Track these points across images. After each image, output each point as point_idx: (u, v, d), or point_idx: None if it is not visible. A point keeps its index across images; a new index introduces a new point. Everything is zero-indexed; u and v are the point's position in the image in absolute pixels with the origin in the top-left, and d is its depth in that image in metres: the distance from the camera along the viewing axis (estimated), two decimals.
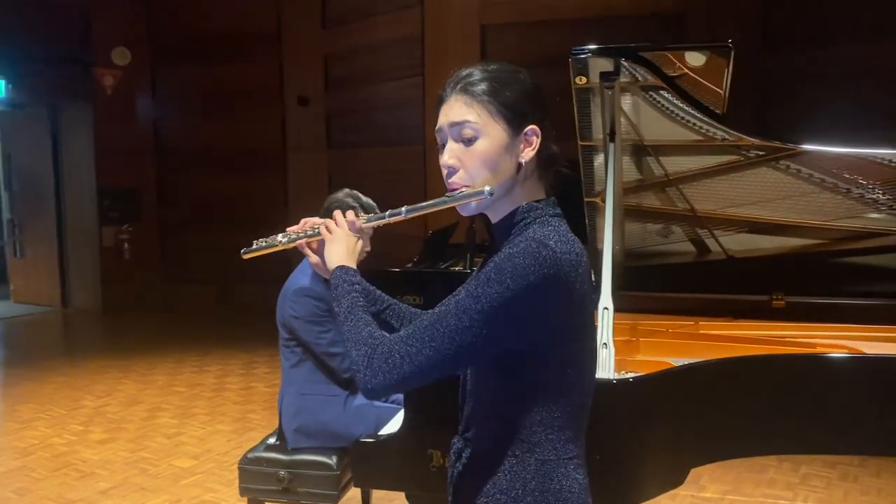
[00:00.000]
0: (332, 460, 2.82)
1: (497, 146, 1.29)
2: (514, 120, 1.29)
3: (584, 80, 2.44)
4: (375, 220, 1.50)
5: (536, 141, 1.31)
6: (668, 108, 2.91)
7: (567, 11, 6.48)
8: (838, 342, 2.74)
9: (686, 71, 2.90)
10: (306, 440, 2.86)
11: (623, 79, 2.73)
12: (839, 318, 2.98)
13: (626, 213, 3.31)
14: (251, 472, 2.88)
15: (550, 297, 1.21)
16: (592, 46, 2.42)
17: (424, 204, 1.40)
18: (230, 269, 8.96)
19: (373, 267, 3.12)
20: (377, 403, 2.93)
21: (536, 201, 1.33)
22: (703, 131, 2.96)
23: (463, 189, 1.31)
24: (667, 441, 2.14)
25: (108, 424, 4.95)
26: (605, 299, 2.28)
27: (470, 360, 1.27)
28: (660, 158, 3.15)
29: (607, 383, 2.11)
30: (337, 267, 1.42)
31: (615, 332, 2.91)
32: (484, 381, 1.33)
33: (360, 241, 1.49)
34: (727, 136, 2.96)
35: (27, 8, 8.27)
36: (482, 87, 1.30)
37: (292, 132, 8.72)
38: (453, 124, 1.30)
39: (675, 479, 2.18)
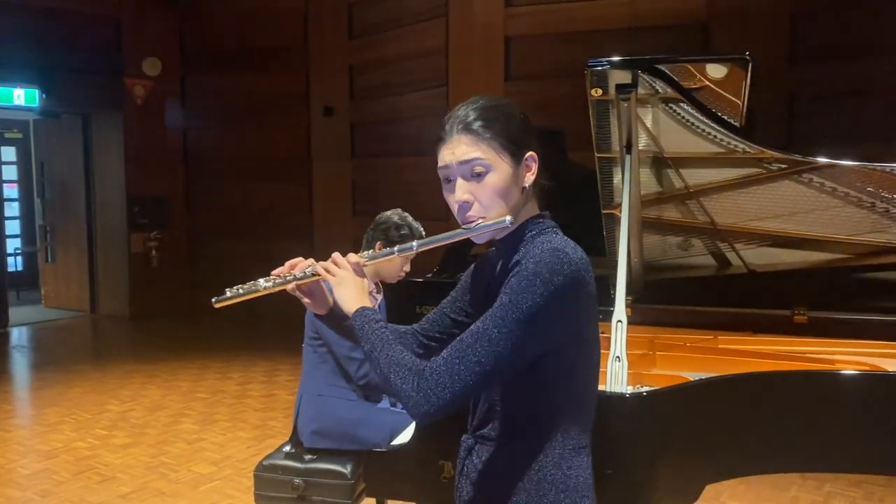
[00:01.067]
0: (347, 469, 2.82)
1: (506, 177, 1.38)
2: (516, 151, 1.40)
3: (599, 92, 2.44)
4: (381, 257, 1.52)
5: (535, 166, 1.42)
6: (688, 120, 2.89)
7: (591, 23, 6.48)
8: (861, 359, 2.69)
9: (707, 83, 2.89)
10: (322, 441, 2.89)
11: (643, 90, 2.72)
12: (862, 334, 2.93)
13: (646, 226, 3.29)
14: (266, 479, 2.90)
15: (573, 297, 1.32)
16: (609, 58, 2.42)
17: (439, 237, 1.46)
18: (256, 276, 9.03)
19: None
20: (394, 409, 2.95)
21: (538, 216, 1.45)
22: (724, 144, 2.93)
23: (480, 221, 1.39)
24: (680, 456, 2.11)
25: (131, 429, 5.02)
26: (619, 313, 2.27)
27: (511, 367, 1.32)
28: (680, 171, 3.13)
29: (620, 397, 2.10)
30: (357, 310, 1.44)
31: (632, 345, 2.90)
32: (504, 382, 1.38)
33: (367, 280, 1.53)
34: (748, 149, 2.94)
35: (61, 19, 8.47)
36: (483, 124, 1.38)
37: (317, 142, 8.81)
38: (462, 162, 1.38)
39: (689, 496, 2.15)
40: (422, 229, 3.04)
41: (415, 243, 1.47)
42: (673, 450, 2.11)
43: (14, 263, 11.31)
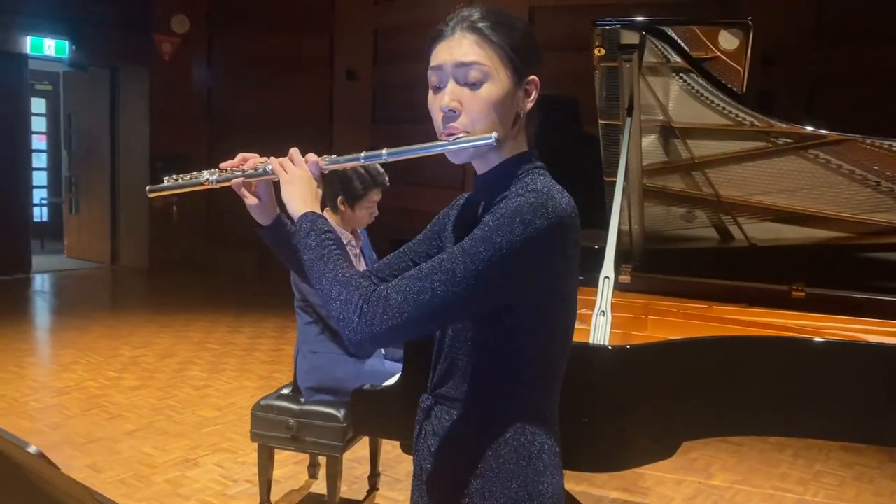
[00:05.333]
0: (340, 413, 2.90)
1: (502, 93, 1.22)
2: (520, 68, 1.24)
3: (602, 51, 2.45)
4: (343, 162, 1.34)
5: (535, 93, 1.27)
6: (698, 91, 2.91)
7: None
8: (853, 334, 2.71)
9: (718, 54, 2.90)
10: (318, 395, 2.96)
11: (653, 58, 2.74)
12: (859, 312, 2.94)
13: (651, 195, 3.31)
14: (262, 418, 2.99)
15: (554, 245, 1.18)
16: (616, 18, 2.43)
17: (413, 147, 1.29)
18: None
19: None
20: (388, 363, 3.01)
21: (528, 153, 1.30)
22: (733, 116, 2.94)
23: (462, 135, 1.23)
24: (657, 411, 2.16)
25: (141, 373, 5.16)
26: (607, 269, 2.31)
27: (471, 308, 1.18)
28: (687, 141, 3.15)
29: (602, 349, 2.15)
30: (306, 212, 1.27)
31: (626, 309, 2.95)
32: (472, 336, 1.25)
33: (321, 189, 1.34)
34: (756, 122, 2.94)
35: None
36: (492, 27, 1.23)
37: (339, 105, 8.84)
38: (460, 64, 1.22)
39: (664, 451, 2.20)
40: (383, 173, 2.95)
41: (384, 151, 1.29)
42: (651, 405, 2.16)
43: (40, 213, 11.54)
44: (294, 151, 1.34)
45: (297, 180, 1.31)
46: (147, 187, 1.41)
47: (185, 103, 9.40)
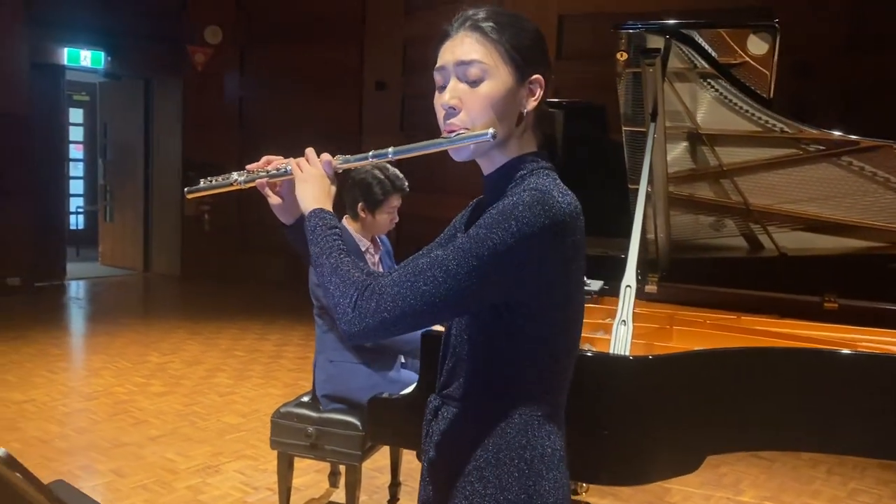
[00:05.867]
0: (359, 421, 2.88)
1: (503, 90, 1.24)
2: (523, 66, 1.25)
3: (624, 56, 2.41)
4: (354, 161, 1.38)
5: (540, 92, 1.27)
6: (725, 97, 2.84)
7: (647, 5, 6.35)
8: (887, 347, 2.61)
9: (746, 58, 2.83)
10: (334, 404, 2.94)
11: (680, 63, 2.68)
12: (894, 324, 2.84)
13: (678, 204, 3.25)
14: (282, 425, 2.98)
15: (552, 246, 1.17)
16: (640, 22, 2.39)
17: (417, 145, 1.31)
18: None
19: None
20: (404, 372, 2.98)
21: (533, 154, 1.29)
22: (762, 122, 2.87)
23: (462, 131, 1.25)
24: (680, 424, 2.10)
25: (168, 379, 5.20)
26: (629, 278, 2.25)
27: (464, 305, 1.20)
28: (715, 148, 3.08)
29: (623, 359, 2.10)
30: (314, 209, 1.31)
31: (651, 319, 2.89)
32: (471, 334, 1.26)
33: (334, 186, 1.37)
34: (786, 128, 2.87)
35: None
36: (494, 26, 1.25)
37: (368, 114, 8.88)
38: (461, 63, 1.25)
39: (688, 465, 2.14)
40: (402, 178, 2.95)
41: (391, 150, 1.31)
42: (673, 417, 2.10)
43: (76, 221, 11.76)
44: (309, 151, 1.38)
45: (310, 178, 1.34)
46: (185, 188, 1.50)
47: (218, 113, 9.52)
